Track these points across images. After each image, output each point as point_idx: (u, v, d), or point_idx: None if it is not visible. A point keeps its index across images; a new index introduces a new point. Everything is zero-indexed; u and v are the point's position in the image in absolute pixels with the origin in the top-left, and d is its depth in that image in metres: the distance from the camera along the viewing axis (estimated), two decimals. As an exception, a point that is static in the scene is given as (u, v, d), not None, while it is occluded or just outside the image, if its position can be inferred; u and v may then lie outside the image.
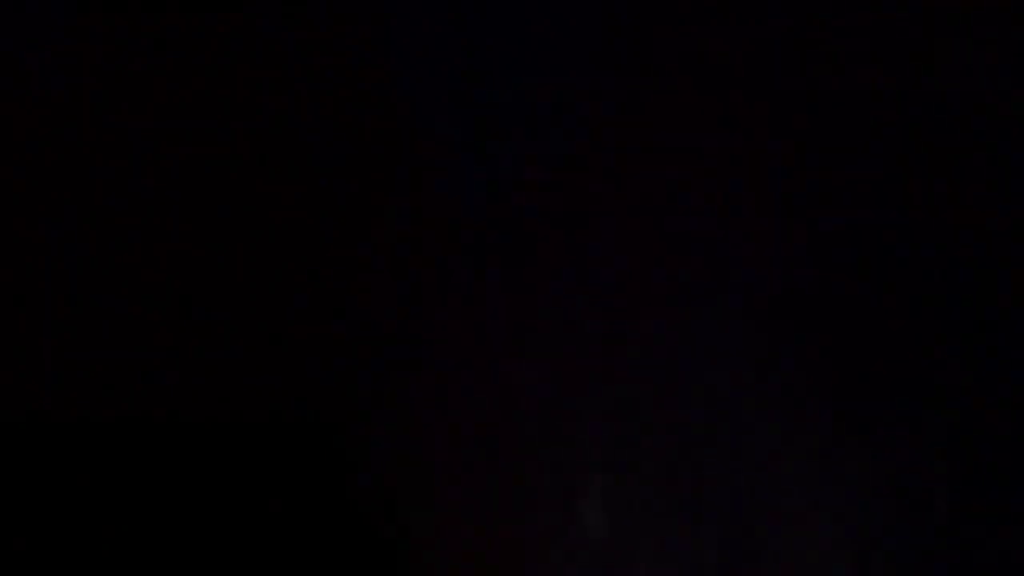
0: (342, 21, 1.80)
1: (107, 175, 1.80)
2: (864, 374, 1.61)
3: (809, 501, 1.62)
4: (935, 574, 1.56)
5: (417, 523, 1.75)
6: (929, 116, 1.66)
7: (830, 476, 1.61)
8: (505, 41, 1.80)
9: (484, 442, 1.76)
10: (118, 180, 1.80)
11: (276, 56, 1.81)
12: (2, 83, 1.78)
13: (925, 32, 1.65)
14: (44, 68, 1.78)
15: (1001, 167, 1.59)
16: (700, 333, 1.71)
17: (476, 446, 1.76)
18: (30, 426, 1.76)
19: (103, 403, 1.77)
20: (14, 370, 1.77)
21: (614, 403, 1.73)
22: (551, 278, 1.78)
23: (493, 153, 1.81)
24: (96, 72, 1.79)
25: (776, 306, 1.67)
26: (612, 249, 1.76)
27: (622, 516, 1.70)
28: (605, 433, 1.73)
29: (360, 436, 1.78)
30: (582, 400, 1.74)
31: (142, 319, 1.79)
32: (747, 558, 1.64)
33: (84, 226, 1.79)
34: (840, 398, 1.63)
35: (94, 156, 1.80)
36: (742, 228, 1.71)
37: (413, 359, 1.78)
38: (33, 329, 1.78)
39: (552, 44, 1.78)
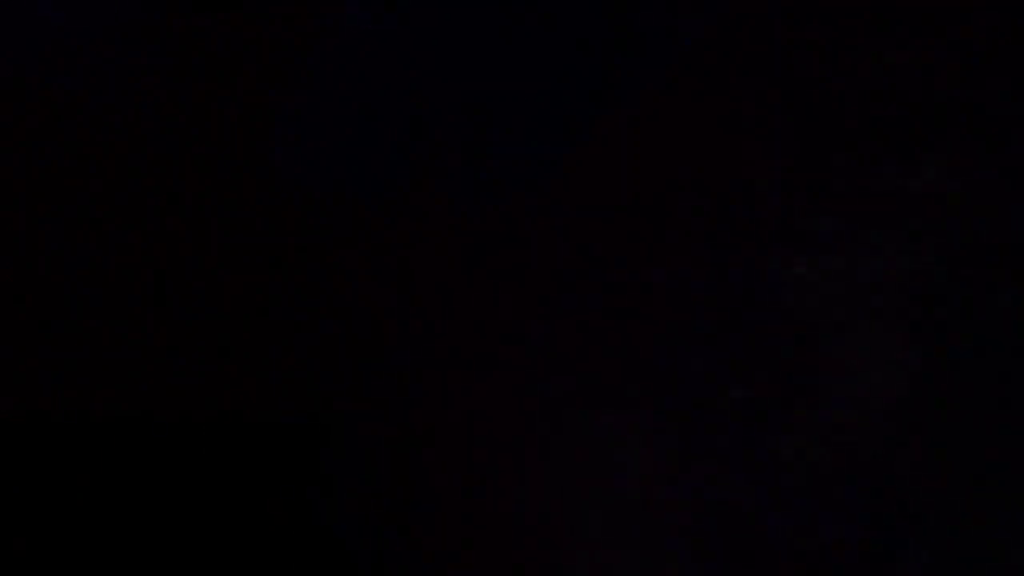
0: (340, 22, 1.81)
1: (108, 175, 1.81)
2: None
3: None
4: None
5: (416, 522, 1.75)
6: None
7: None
8: (504, 44, 1.80)
9: (484, 442, 1.76)
10: (119, 180, 1.81)
11: (277, 58, 1.81)
12: (3, 83, 1.79)
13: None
14: (43, 68, 1.78)
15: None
16: (702, 335, 1.71)
17: (476, 446, 1.76)
18: (30, 426, 1.76)
19: (103, 403, 1.78)
20: (14, 370, 1.77)
21: (616, 403, 1.73)
22: (551, 278, 1.78)
23: (493, 153, 1.81)
24: (93, 72, 1.79)
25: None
26: (612, 250, 1.76)
27: (621, 515, 1.71)
28: (606, 432, 1.73)
29: (359, 436, 1.78)
30: (582, 400, 1.75)
31: (142, 319, 1.79)
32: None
33: (84, 226, 1.79)
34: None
35: (95, 156, 1.80)
36: (745, 227, 1.72)
37: (412, 360, 1.78)
38: (33, 329, 1.78)
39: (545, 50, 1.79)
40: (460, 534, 1.74)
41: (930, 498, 1.54)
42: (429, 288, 1.79)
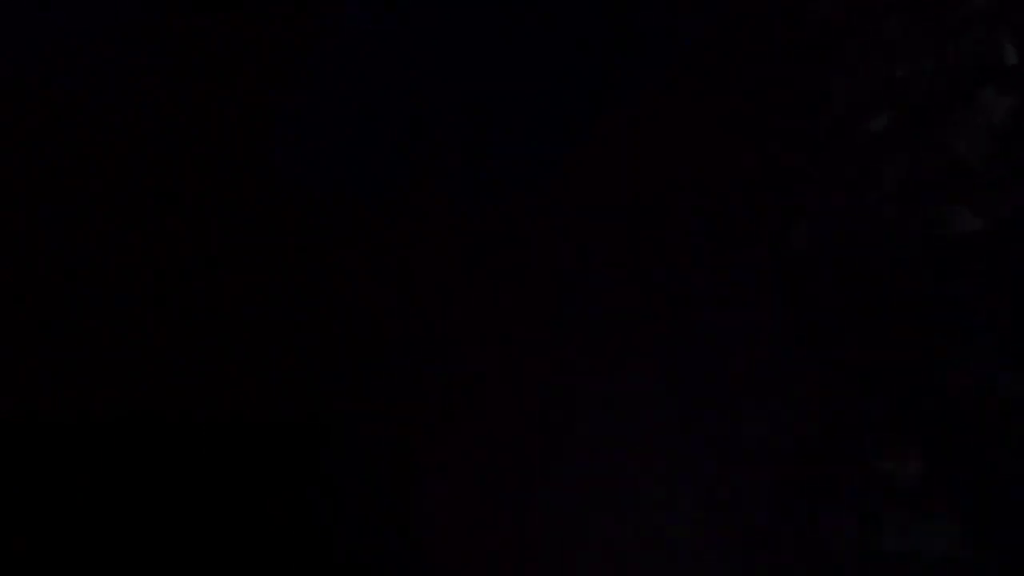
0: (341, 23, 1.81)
1: (108, 175, 1.81)
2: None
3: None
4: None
5: (416, 522, 1.75)
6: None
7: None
8: (503, 46, 1.80)
9: (484, 442, 1.76)
10: (119, 180, 1.81)
11: (277, 58, 1.81)
12: (3, 83, 1.79)
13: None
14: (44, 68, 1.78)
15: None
16: (703, 334, 1.71)
17: (476, 446, 1.76)
18: (30, 426, 1.76)
19: (103, 403, 1.78)
20: (14, 370, 1.77)
21: (617, 401, 1.73)
22: (551, 278, 1.78)
23: (493, 153, 1.81)
24: (93, 72, 1.79)
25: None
26: (612, 250, 1.76)
27: (622, 514, 1.71)
28: (606, 431, 1.73)
29: (359, 436, 1.78)
30: (583, 399, 1.75)
31: (142, 319, 1.79)
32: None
33: (84, 226, 1.79)
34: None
35: (95, 156, 1.80)
36: (745, 227, 1.71)
37: (412, 360, 1.78)
38: (33, 329, 1.78)
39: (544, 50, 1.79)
40: (460, 534, 1.74)
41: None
42: (429, 288, 1.79)
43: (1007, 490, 1.30)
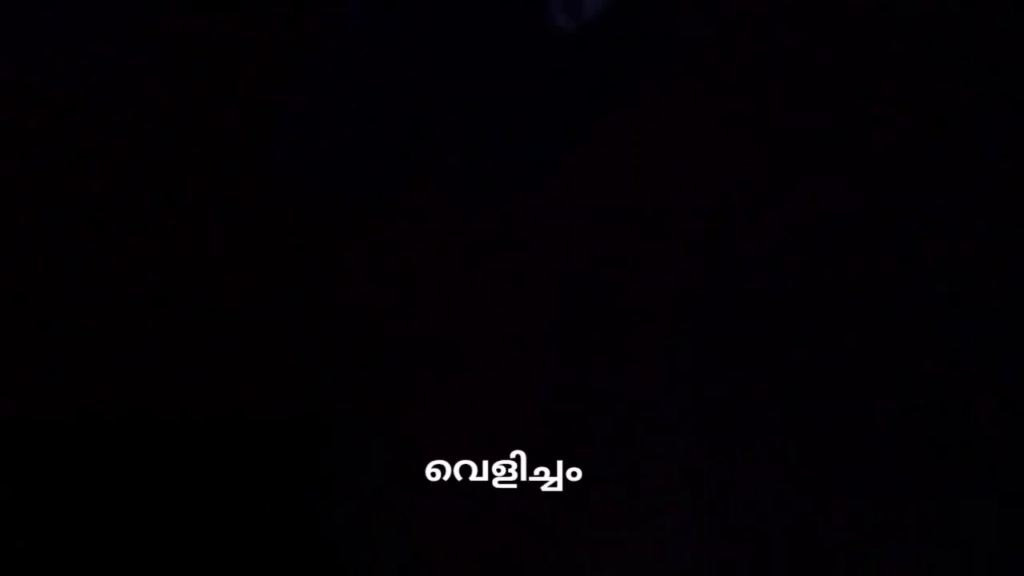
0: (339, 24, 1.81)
1: (108, 175, 1.81)
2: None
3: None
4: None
5: (416, 522, 1.75)
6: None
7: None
8: (504, 48, 1.80)
9: (484, 442, 1.76)
10: (119, 180, 1.81)
11: (277, 58, 1.81)
12: (3, 83, 1.79)
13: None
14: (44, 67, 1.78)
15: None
16: (703, 335, 1.71)
17: (476, 446, 1.76)
18: (30, 426, 1.76)
19: (103, 403, 1.78)
20: (14, 370, 1.77)
21: (616, 403, 1.73)
22: (551, 278, 1.78)
23: (493, 153, 1.81)
24: (93, 72, 1.79)
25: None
26: (612, 250, 1.76)
27: (623, 515, 1.71)
28: (606, 432, 1.73)
29: (359, 436, 1.78)
30: (583, 400, 1.75)
31: (142, 319, 1.79)
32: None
33: (84, 226, 1.79)
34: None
35: (95, 156, 1.80)
36: (745, 227, 1.72)
37: (412, 360, 1.78)
38: (33, 329, 1.78)
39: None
40: (461, 535, 1.74)
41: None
42: (429, 288, 1.79)
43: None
